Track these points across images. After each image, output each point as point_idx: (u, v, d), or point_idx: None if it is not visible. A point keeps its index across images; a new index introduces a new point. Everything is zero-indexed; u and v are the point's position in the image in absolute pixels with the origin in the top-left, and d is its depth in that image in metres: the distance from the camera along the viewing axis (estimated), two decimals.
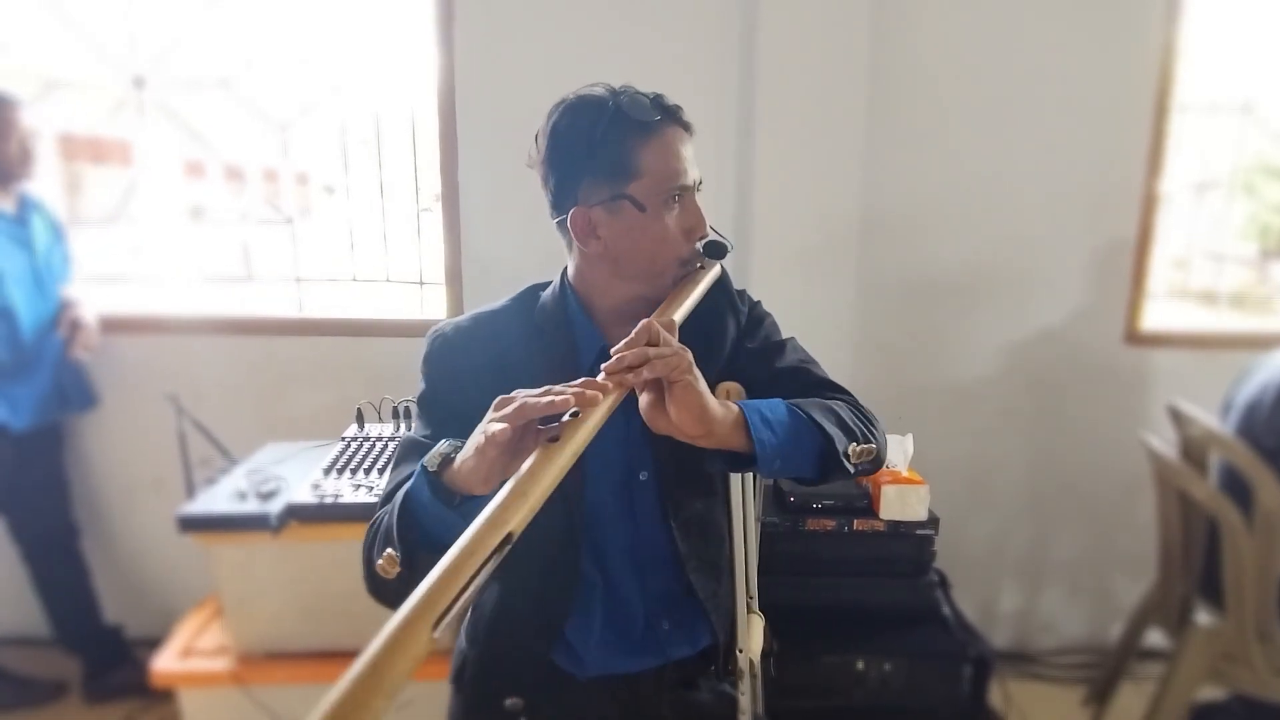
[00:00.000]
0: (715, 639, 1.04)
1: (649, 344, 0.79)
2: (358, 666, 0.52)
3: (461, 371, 0.94)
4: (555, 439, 0.71)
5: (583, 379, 0.76)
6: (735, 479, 1.05)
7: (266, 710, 1.60)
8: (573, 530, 0.95)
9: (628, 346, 0.79)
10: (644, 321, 0.81)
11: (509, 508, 0.65)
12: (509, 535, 0.63)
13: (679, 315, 0.89)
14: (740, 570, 1.06)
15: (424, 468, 0.78)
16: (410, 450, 0.93)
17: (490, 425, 0.73)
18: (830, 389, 1.00)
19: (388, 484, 0.92)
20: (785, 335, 1.07)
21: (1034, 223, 2.26)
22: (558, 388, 0.74)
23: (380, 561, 0.78)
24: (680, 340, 0.86)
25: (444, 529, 0.76)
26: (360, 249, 2.35)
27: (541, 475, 0.68)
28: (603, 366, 0.78)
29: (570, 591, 0.97)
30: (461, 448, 0.78)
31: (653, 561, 1.00)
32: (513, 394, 0.76)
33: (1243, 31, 2.32)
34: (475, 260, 2.22)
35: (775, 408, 0.87)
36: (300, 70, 2.29)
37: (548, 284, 1.02)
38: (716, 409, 0.81)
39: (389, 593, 0.83)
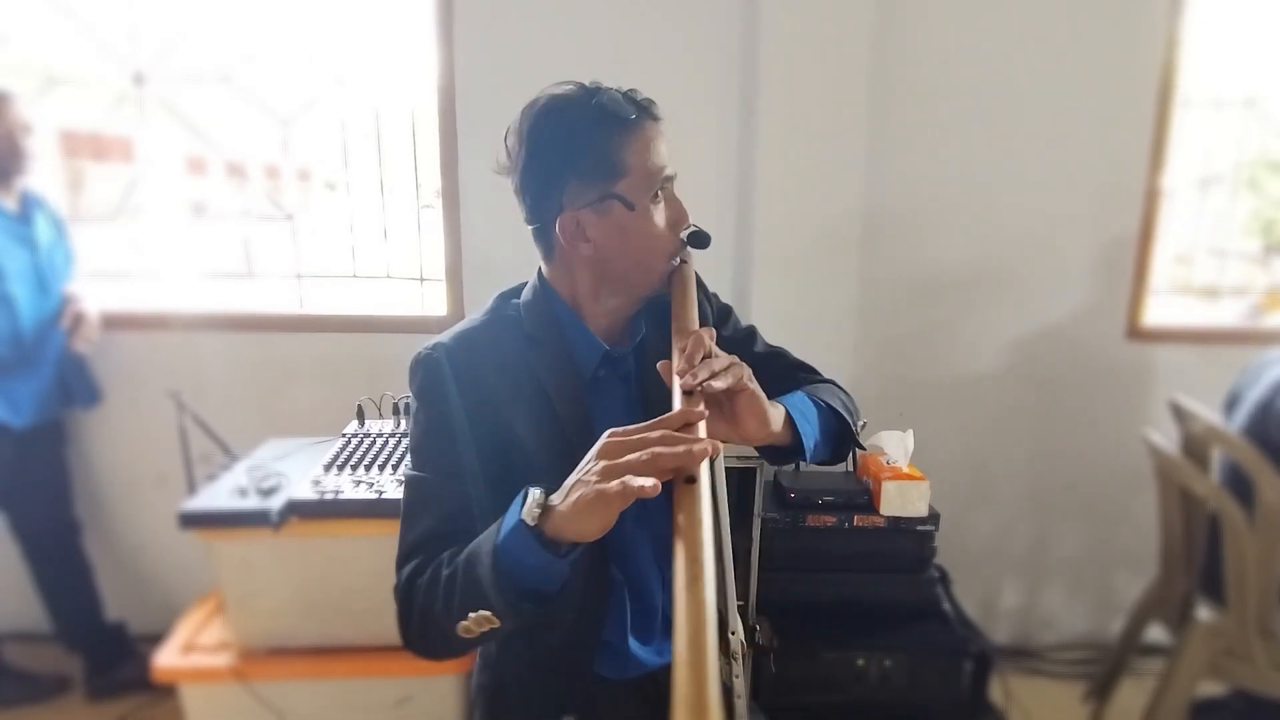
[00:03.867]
0: (723, 619, 1.05)
1: (706, 356, 0.79)
2: None
3: (467, 392, 0.90)
4: (693, 479, 0.68)
5: (681, 410, 0.73)
6: (718, 463, 1.06)
7: (268, 706, 1.60)
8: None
9: (689, 361, 0.78)
10: (695, 333, 0.81)
11: (700, 559, 0.62)
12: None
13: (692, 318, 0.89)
14: (727, 553, 1.08)
15: (525, 524, 0.72)
16: (426, 496, 0.88)
17: (630, 480, 0.67)
18: (809, 371, 1.07)
19: (410, 534, 0.88)
20: (778, 333, 1.11)
21: (1036, 219, 2.25)
22: (671, 431, 0.71)
23: (466, 623, 0.75)
24: (670, 333, 0.87)
25: (546, 580, 0.75)
26: (361, 245, 2.35)
27: (701, 515, 0.66)
28: (680, 385, 0.77)
29: (603, 596, 0.97)
30: (550, 494, 0.73)
31: (668, 551, 1.00)
32: (621, 437, 0.71)
33: (1246, 26, 2.31)
34: (476, 257, 2.22)
35: (803, 401, 0.92)
36: (301, 66, 2.28)
37: (517, 290, 1.00)
38: (773, 411, 0.84)
39: (450, 646, 0.82)
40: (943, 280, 2.28)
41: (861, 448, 1.00)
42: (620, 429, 0.72)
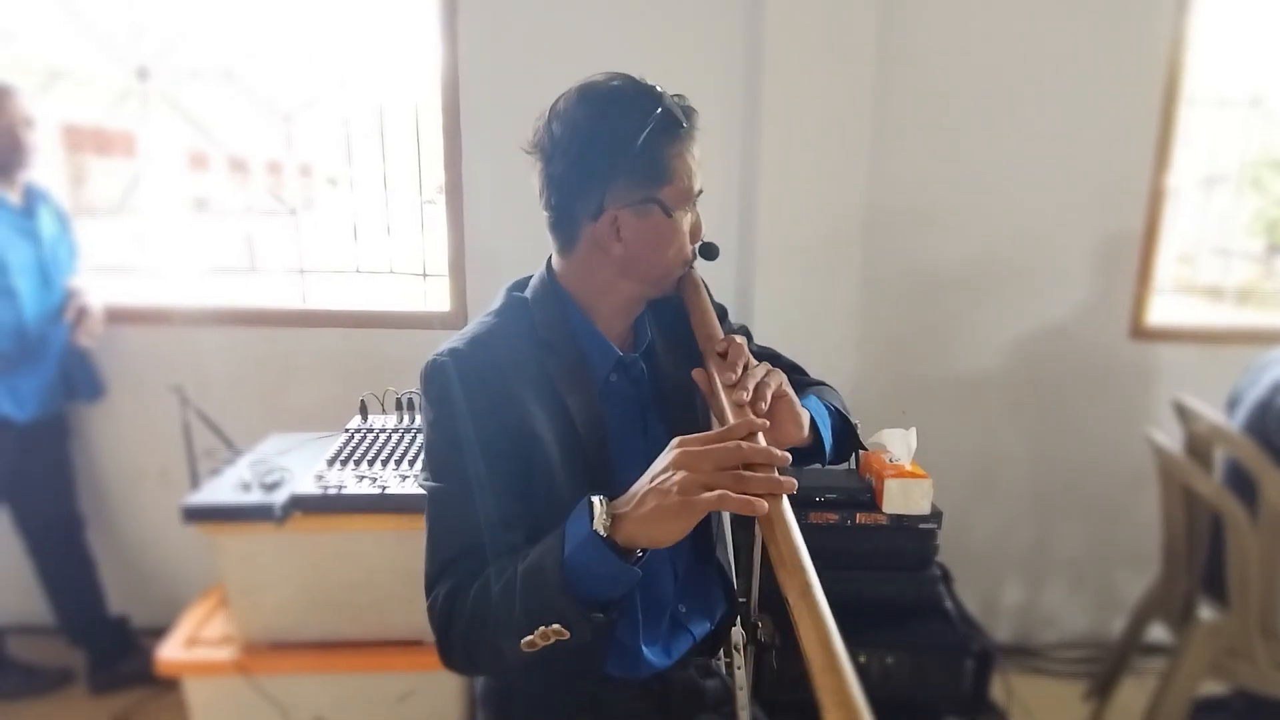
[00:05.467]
0: (732, 605, 1.07)
1: (745, 365, 0.83)
2: None
3: (477, 396, 0.87)
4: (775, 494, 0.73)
5: (745, 420, 0.76)
6: None
7: (271, 699, 1.61)
8: None
9: (734, 369, 0.82)
10: (733, 342, 0.85)
11: (805, 569, 0.69)
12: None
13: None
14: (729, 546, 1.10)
15: (598, 535, 0.73)
16: (448, 509, 0.87)
17: (728, 494, 0.70)
18: (800, 372, 1.08)
19: (440, 552, 0.86)
20: (781, 329, 1.11)
21: (1040, 217, 2.25)
22: (739, 441, 0.74)
23: (531, 638, 0.75)
24: (676, 334, 0.93)
25: (616, 587, 0.76)
26: (364, 241, 2.35)
27: (791, 524, 0.72)
28: (738, 401, 0.80)
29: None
30: (609, 501, 0.74)
31: (680, 546, 1.00)
32: (698, 447, 0.73)
33: (1251, 25, 2.30)
34: (478, 252, 2.22)
35: (815, 404, 0.95)
36: (304, 62, 2.28)
37: (523, 283, 0.98)
38: (804, 415, 0.87)
39: (501, 661, 0.83)
40: (946, 278, 2.28)
41: (863, 448, 1.03)
42: (690, 438, 0.74)
